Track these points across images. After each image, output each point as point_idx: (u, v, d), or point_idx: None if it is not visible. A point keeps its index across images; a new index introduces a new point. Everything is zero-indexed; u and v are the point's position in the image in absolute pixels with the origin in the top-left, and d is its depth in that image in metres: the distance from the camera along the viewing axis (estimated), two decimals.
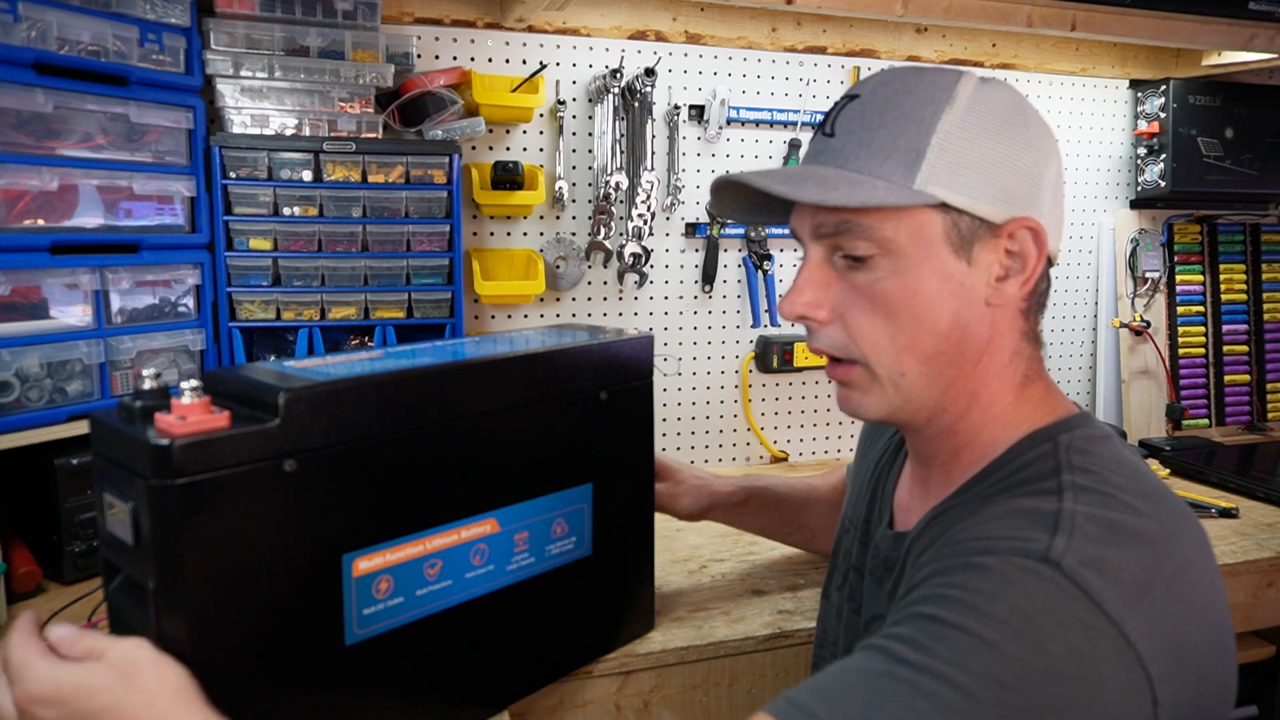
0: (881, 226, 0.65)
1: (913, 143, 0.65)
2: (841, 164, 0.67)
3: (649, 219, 1.64)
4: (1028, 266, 0.67)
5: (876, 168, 0.65)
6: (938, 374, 0.68)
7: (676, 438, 1.77)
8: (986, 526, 0.61)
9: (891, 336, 0.67)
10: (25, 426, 1.07)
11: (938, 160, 0.64)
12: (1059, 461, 0.64)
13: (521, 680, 0.88)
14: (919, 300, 0.66)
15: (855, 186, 0.64)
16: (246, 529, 0.63)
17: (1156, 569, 0.57)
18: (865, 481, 0.88)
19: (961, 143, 0.65)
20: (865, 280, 0.67)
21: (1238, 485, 1.57)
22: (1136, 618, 0.54)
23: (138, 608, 0.63)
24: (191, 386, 0.61)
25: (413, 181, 1.40)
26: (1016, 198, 0.66)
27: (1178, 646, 0.55)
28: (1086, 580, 0.54)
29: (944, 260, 0.65)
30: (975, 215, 0.65)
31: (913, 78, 0.68)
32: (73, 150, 1.14)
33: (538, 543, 0.85)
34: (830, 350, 0.70)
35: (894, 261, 0.66)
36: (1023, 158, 0.66)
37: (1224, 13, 1.53)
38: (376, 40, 1.41)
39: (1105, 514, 0.58)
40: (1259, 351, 2.07)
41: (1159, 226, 2.01)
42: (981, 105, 0.66)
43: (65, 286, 1.14)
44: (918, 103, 0.66)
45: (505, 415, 0.80)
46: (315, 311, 1.38)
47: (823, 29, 1.75)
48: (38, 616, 0.65)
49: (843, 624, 0.84)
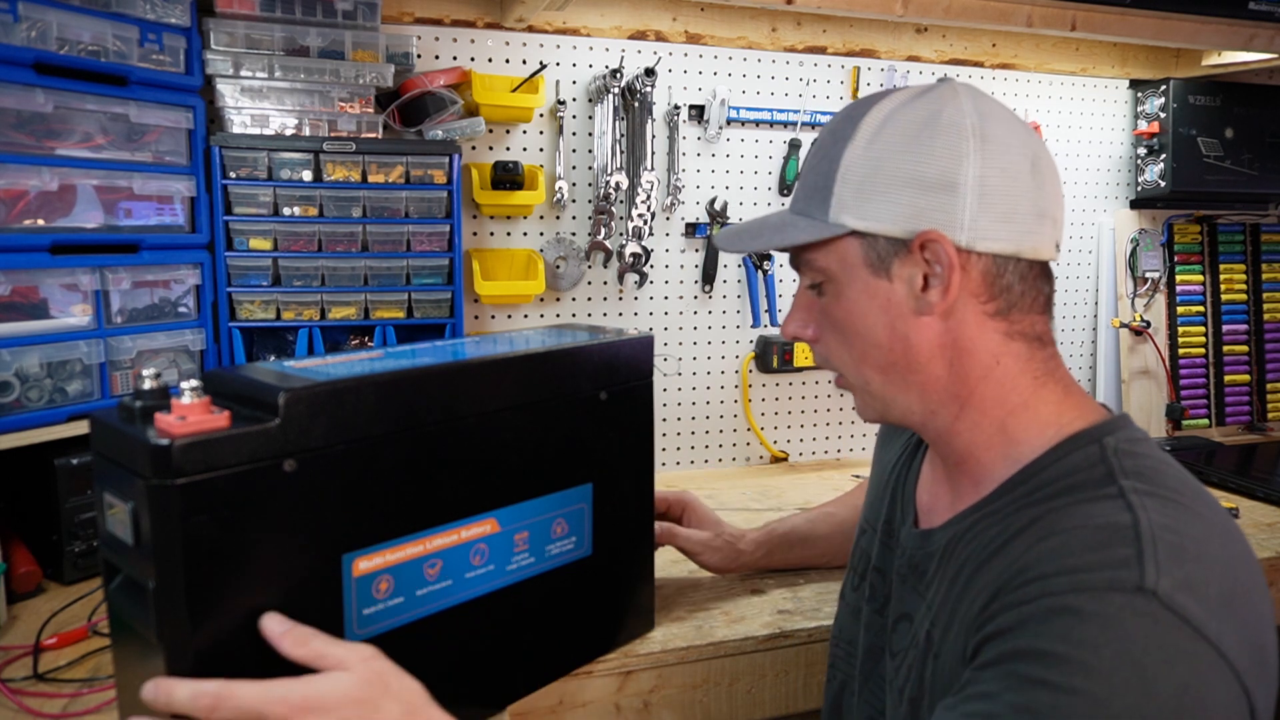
0: (816, 259, 0.73)
1: (823, 179, 0.71)
2: (795, 209, 0.76)
3: (649, 219, 1.64)
4: (947, 274, 0.68)
5: (805, 206, 0.74)
6: (901, 381, 0.72)
7: (676, 438, 1.77)
8: (1068, 553, 0.59)
9: (848, 351, 0.74)
10: (25, 426, 1.07)
11: (843, 192, 0.70)
12: (1110, 466, 0.63)
13: (521, 680, 0.88)
14: (856, 318, 0.72)
15: (783, 229, 0.74)
16: (246, 529, 0.63)
17: (1233, 577, 0.57)
18: (884, 482, 0.88)
19: (863, 171, 0.69)
20: (822, 304, 0.75)
21: (1238, 485, 1.57)
22: (1228, 631, 0.54)
23: (138, 608, 0.62)
24: (191, 386, 0.60)
25: (413, 181, 1.40)
26: (924, 211, 0.67)
27: (1260, 650, 0.56)
28: (1183, 605, 0.54)
29: (866, 281, 0.71)
30: (886, 236, 0.69)
31: (839, 114, 0.74)
32: (73, 150, 1.14)
33: (538, 543, 0.85)
34: (821, 364, 0.79)
35: (834, 286, 0.73)
36: (927, 170, 0.67)
37: (1224, 13, 1.53)
38: (376, 40, 1.41)
39: (1177, 523, 0.58)
40: (1259, 351, 2.07)
41: (1159, 226, 2.01)
42: (888, 129, 0.68)
43: (65, 286, 1.14)
44: (832, 138, 0.72)
45: (505, 415, 0.80)
46: (315, 311, 1.38)
47: (823, 29, 1.75)
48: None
49: (860, 624, 0.84)
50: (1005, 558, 0.63)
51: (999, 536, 0.65)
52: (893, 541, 0.82)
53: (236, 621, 0.63)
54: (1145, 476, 0.62)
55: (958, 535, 0.70)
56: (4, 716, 0.84)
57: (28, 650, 0.94)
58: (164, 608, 0.60)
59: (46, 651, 0.95)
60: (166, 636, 0.61)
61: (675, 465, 1.78)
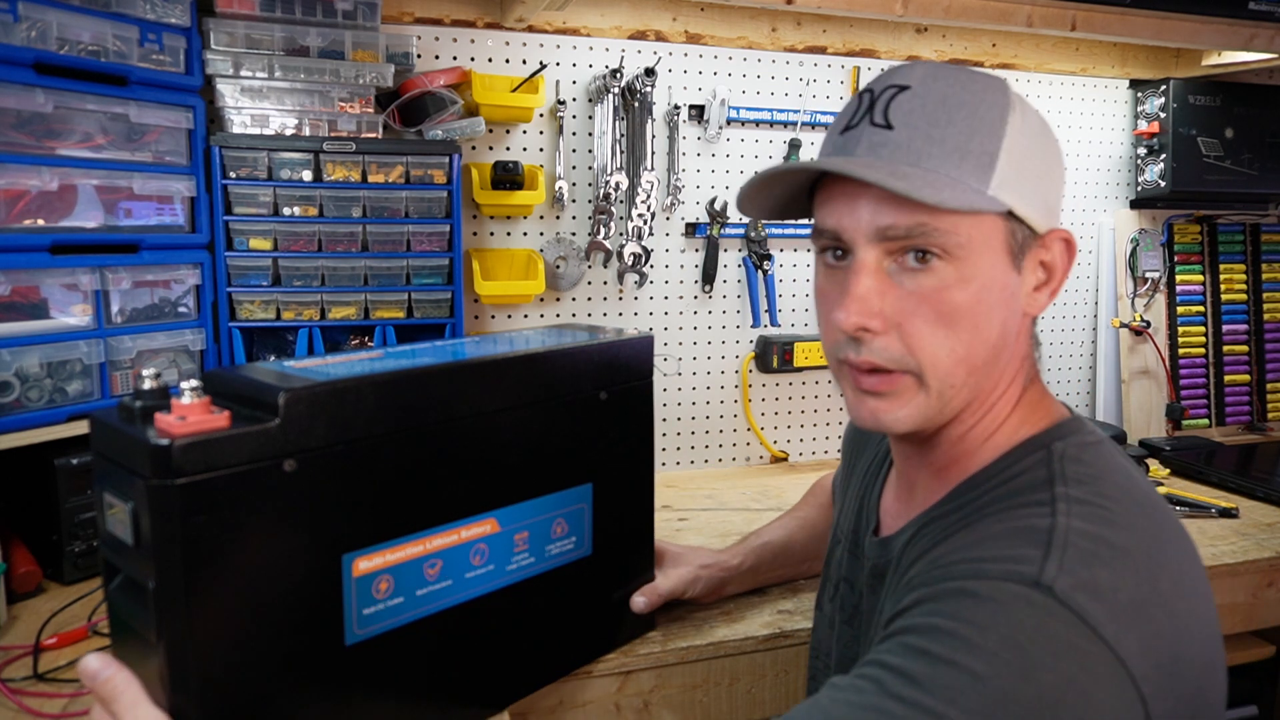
0: (958, 230, 0.62)
1: (985, 145, 0.62)
2: (914, 161, 0.62)
3: (649, 219, 1.64)
4: (1056, 276, 0.68)
5: (953, 168, 0.62)
6: (977, 384, 0.67)
7: (676, 438, 1.77)
8: (980, 547, 0.60)
9: (951, 347, 0.64)
10: (25, 426, 1.07)
11: (1007, 166, 0.63)
12: (1052, 472, 0.63)
13: (521, 680, 0.88)
14: (980, 309, 0.63)
15: (953, 188, 0.61)
16: (246, 529, 0.63)
17: (1151, 586, 0.56)
18: (854, 492, 0.87)
19: (1023, 151, 0.64)
20: (930, 286, 0.63)
21: (1238, 485, 1.57)
22: (1131, 637, 0.53)
23: (138, 608, 0.62)
24: (191, 386, 0.61)
25: (413, 181, 1.40)
26: (1052, 209, 0.68)
27: (1173, 662, 0.55)
28: (1081, 604, 0.53)
29: (1003, 269, 0.64)
30: (1028, 224, 0.65)
31: (964, 75, 0.65)
32: (73, 150, 1.14)
33: (538, 543, 0.85)
34: (885, 362, 0.65)
35: (961, 269, 0.62)
36: (1055, 170, 0.68)
37: (1224, 13, 1.53)
38: (376, 40, 1.41)
39: (1099, 529, 0.58)
40: (1259, 351, 2.07)
41: (1159, 226, 2.01)
42: (1029, 113, 0.66)
43: (65, 286, 1.14)
44: (982, 104, 0.63)
45: (505, 415, 0.80)
46: (315, 311, 1.38)
47: (823, 29, 1.75)
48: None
49: (834, 635, 0.83)
50: (929, 557, 0.64)
51: (937, 539, 0.66)
52: (858, 551, 0.81)
53: (236, 622, 0.63)
54: (1084, 483, 0.62)
55: (910, 540, 0.70)
56: (4, 716, 0.84)
57: (28, 650, 0.94)
58: (164, 608, 0.60)
59: (46, 651, 0.95)
60: (166, 636, 0.61)
61: (675, 465, 1.78)
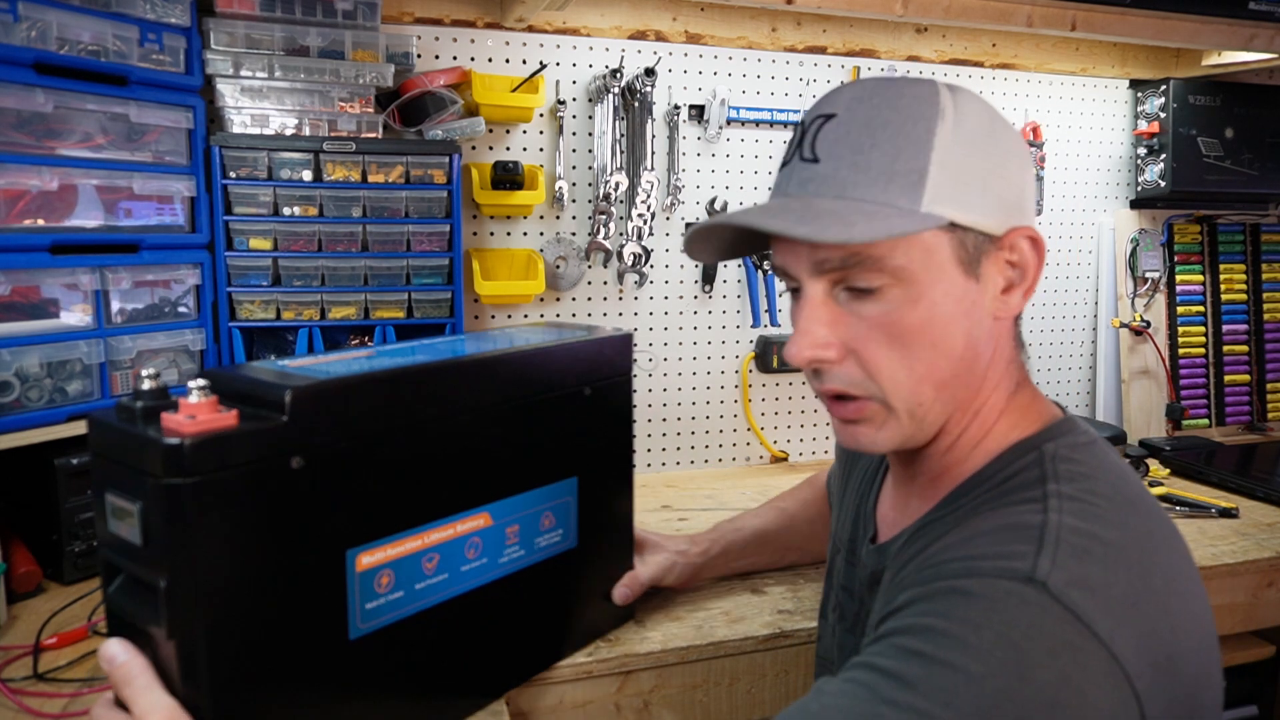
0: (893, 255, 0.62)
1: (912, 163, 0.62)
2: (839, 193, 0.63)
3: (649, 219, 1.64)
4: (1028, 275, 0.66)
5: (879, 194, 0.62)
6: (951, 397, 0.66)
7: (677, 438, 1.77)
8: (971, 544, 0.59)
9: (910, 367, 0.64)
10: (25, 426, 1.07)
11: (940, 178, 0.62)
12: (1044, 471, 0.63)
13: (514, 669, 0.90)
14: (935, 326, 0.63)
15: (870, 219, 0.60)
16: (255, 526, 0.63)
17: (1144, 583, 0.56)
18: (851, 500, 0.87)
19: (958, 157, 0.62)
20: (877, 312, 0.63)
21: (1238, 485, 1.57)
22: (1125, 634, 0.53)
23: (144, 608, 0.62)
24: (199, 386, 0.61)
25: (413, 181, 1.40)
26: (1010, 206, 0.65)
27: (1167, 660, 0.54)
28: (1074, 601, 0.53)
29: (955, 281, 0.63)
30: (979, 230, 0.63)
31: (890, 91, 0.64)
32: (73, 150, 1.14)
33: (528, 535, 0.87)
34: (847, 389, 0.66)
35: (907, 290, 0.62)
36: (1009, 166, 0.65)
37: (1224, 13, 1.53)
38: (376, 40, 1.41)
39: (1091, 526, 0.57)
40: (1259, 351, 2.07)
41: (1159, 226, 2.01)
42: (965, 115, 0.64)
43: (65, 286, 1.14)
44: (906, 119, 0.63)
45: (499, 410, 0.82)
46: (315, 311, 1.38)
47: (823, 29, 1.75)
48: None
49: (835, 643, 0.83)
50: (920, 557, 0.64)
51: (929, 541, 0.65)
52: (855, 559, 0.81)
53: (245, 619, 0.63)
54: (1075, 481, 0.62)
55: (905, 544, 0.70)
56: (4, 716, 0.84)
57: (28, 650, 0.94)
58: (176, 606, 0.60)
59: (46, 651, 0.95)
60: (179, 635, 0.61)
61: (675, 465, 1.78)
